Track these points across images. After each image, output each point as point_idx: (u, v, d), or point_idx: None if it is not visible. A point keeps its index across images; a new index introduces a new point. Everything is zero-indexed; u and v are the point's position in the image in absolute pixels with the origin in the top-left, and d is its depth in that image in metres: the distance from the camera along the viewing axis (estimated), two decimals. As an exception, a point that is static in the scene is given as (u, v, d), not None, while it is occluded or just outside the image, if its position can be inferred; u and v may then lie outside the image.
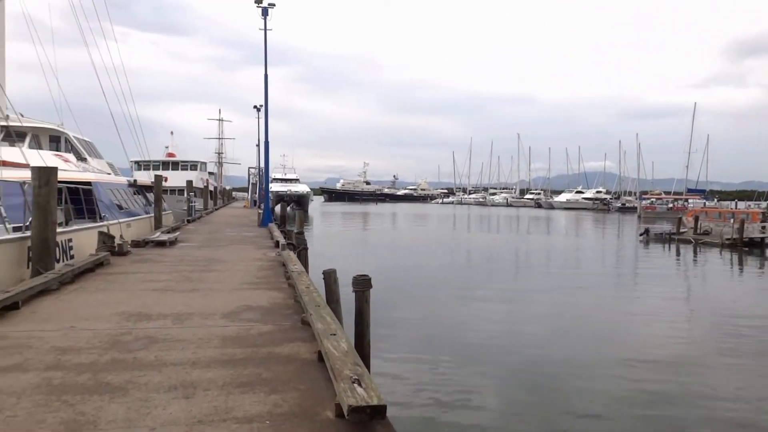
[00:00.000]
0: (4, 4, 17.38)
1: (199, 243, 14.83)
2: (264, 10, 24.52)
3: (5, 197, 9.83)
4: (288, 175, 72.26)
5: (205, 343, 5.14)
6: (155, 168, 36.72)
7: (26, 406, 3.66)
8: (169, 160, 45.80)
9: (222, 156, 75.54)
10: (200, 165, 47.82)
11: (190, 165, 45.73)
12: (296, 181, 68.85)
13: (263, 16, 24.55)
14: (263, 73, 24.74)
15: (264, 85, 24.86)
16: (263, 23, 24.45)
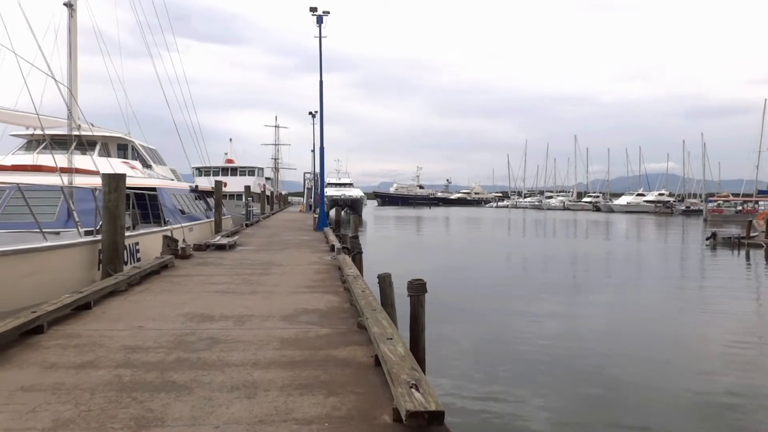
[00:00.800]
0: (77, 19, 18.39)
1: (258, 246, 15.20)
2: (319, 18, 24.94)
3: (78, 202, 10.38)
4: (342, 180, 73.07)
5: (265, 345, 5.26)
6: (215, 174, 37.92)
7: (99, 401, 3.84)
8: (228, 166, 47.15)
9: (278, 161, 77.25)
10: (258, 170, 49.00)
11: (248, 171, 46.93)
12: (350, 186, 69.53)
13: (318, 23, 24.98)
14: (318, 80, 25.18)
15: (319, 92, 25.27)
16: (318, 31, 24.89)
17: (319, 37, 24.91)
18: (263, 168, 54.57)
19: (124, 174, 10.28)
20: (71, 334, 5.59)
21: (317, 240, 17.67)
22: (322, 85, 25.16)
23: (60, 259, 8.43)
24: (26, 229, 8.80)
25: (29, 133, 16.59)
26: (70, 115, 15.07)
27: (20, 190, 8.45)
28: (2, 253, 6.93)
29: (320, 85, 25.18)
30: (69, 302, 6.30)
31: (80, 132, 14.78)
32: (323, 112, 25.80)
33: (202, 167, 34.93)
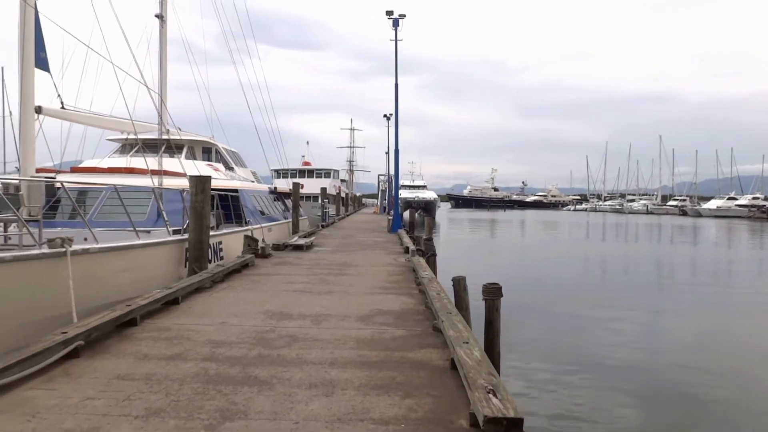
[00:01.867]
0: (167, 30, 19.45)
1: (333, 247, 15.48)
2: (395, 21, 25.14)
3: (167, 203, 10.96)
4: (416, 182, 73.15)
5: (342, 344, 5.35)
6: (292, 176, 38.96)
7: (187, 392, 4.04)
8: (305, 169, 48.35)
9: (353, 164, 78.46)
10: (333, 173, 49.94)
11: (324, 173, 47.93)
12: (424, 188, 69.47)
13: (394, 27, 25.17)
14: (393, 83, 25.36)
15: (395, 94, 25.45)
16: (394, 34, 25.07)
17: (394, 40, 25.10)
18: (338, 170, 55.60)
19: (210, 176, 10.77)
20: (161, 328, 5.92)
21: (391, 242, 17.78)
22: (397, 88, 25.33)
23: (151, 256, 8.94)
24: (120, 228, 9.38)
25: (123, 137, 17.68)
26: (161, 120, 15.94)
27: (116, 191, 9.04)
28: (103, 249, 7.44)
29: (395, 88, 25.36)
30: (159, 297, 6.68)
31: (169, 136, 15.62)
32: (398, 114, 25.96)
33: (281, 169, 35.97)
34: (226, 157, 19.96)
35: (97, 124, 14.72)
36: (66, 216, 10.95)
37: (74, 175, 13.21)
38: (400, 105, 25.78)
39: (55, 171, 13.62)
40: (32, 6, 10.85)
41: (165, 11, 19.05)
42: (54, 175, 11.99)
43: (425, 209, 55.73)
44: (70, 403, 3.80)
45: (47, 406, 3.75)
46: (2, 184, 6.88)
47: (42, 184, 9.97)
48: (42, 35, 11.50)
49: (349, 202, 56.57)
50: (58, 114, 12.88)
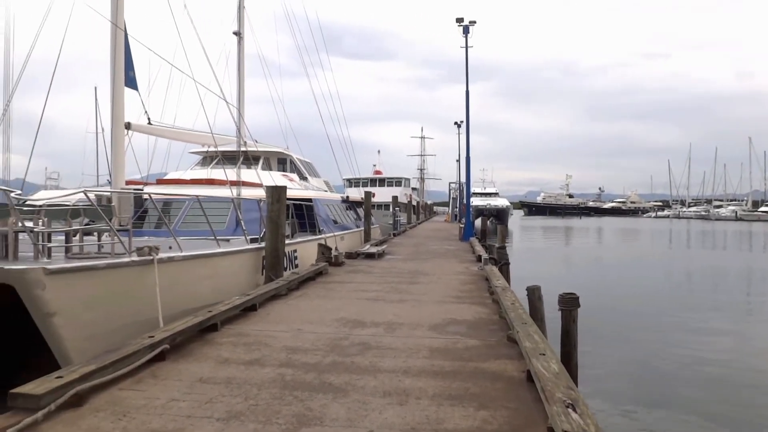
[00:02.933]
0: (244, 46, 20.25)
1: (405, 256, 15.51)
2: (465, 28, 25.02)
3: (245, 212, 11.36)
4: (487, 189, 72.29)
5: (415, 353, 5.34)
6: (364, 185, 39.44)
7: (265, 397, 4.15)
8: (377, 177, 48.85)
9: (424, 172, 78.43)
10: (404, 181, 50.18)
11: (395, 181, 48.24)
12: (496, 195, 68.50)
13: (464, 34, 25.05)
14: (463, 90, 25.21)
15: (465, 101, 25.29)
16: (464, 41, 24.94)
17: (465, 47, 24.96)
18: (409, 178, 55.81)
19: (285, 186, 11.09)
20: (241, 333, 6.12)
21: (463, 250, 17.61)
22: (468, 95, 25.17)
23: (230, 263, 9.29)
24: (202, 236, 9.80)
25: (204, 150, 18.54)
26: (239, 133, 16.58)
27: (198, 202, 9.47)
28: (186, 257, 7.81)
29: (466, 95, 25.19)
30: (238, 303, 6.92)
31: (246, 148, 16.21)
32: (469, 121, 25.76)
33: (352, 179, 36.58)
34: (300, 167, 20.49)
35: (180, 138, 15.50)
36: (152, 225, 11.57)
37: (159, 187, 13.95)
38: (470, 111, 25.59)
39: (142, 183, 14.45)
40: (122, 29, 11.59)
41: (242, 29, 19.88)
42: (142, 187, 12.73)
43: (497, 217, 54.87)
44: (157, 404, 3.99)
45: (136, 405, 3.95)
46: (95, 196, 7.37)
47: (131, 196, 10.60)
48: (131, 56, 12.26)
49: (420, 211, 56.55)
50: (146, 129, 13.67)
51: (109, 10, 11.45)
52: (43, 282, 5.51)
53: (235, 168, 14.66)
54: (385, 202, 36.97)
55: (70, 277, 5.89)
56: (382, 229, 27.20)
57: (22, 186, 11.36)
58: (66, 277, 5.82)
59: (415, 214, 48.94)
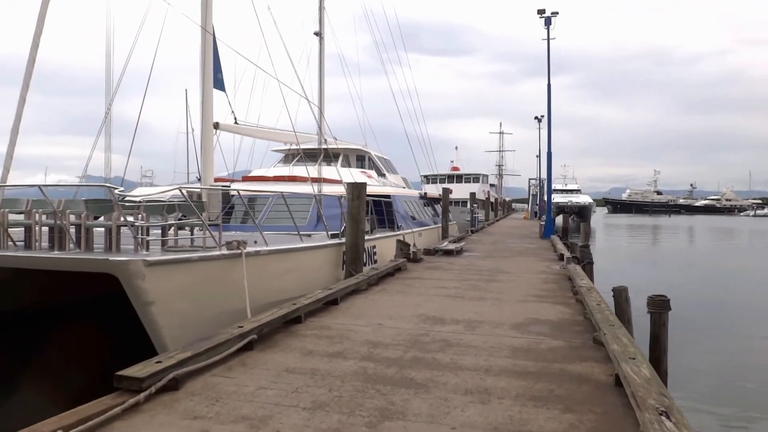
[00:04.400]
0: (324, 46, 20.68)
1: (484, 253, 15.33)
2: (547, 20, 24.34)
3: (325, 208, 11.62)
4: (569, 186, 70.04)
5: (496, 352, 5.27)
6: (441, 181, 39.34)
7: (348, 389, 4.24)
8: (454, 174, 48.57)
9: (502, 168, 77.10)
10: (482, 177, 49.58)
11: (473, 177, 47.75)
12: (578, 192, 66.29)
13: (546, 26, 24.38)
14: (545, 84, 24.53)
15: (547, 95, 24.60)
16: (546, 33, 24.27)
17: (547, 39, 24.30)
18: (487, 175, 55.06)
19: (365, 183, 11.24)
20: (323, 326, 6.28)
21: (544, 248, 17.17)
22: (549, 88, 24.47)
23: (313, 258, 9.54)
24: (285, 231, 10.11)
25: (286, 148, 19.12)
26: (320, 131, 16.96)
27: (283, 198, 9.78)
28: (272, 251, 8.10)
29: (548, 89, 24.50)
30: (321, 297, 7.10)
31: (327, 145, 16.57)
32: (551, 115, 25.04)
33: (430, 175, 36.44)
34: (379, 164, 20.69)
35: (265, 137, 16.06)
36: (238, 220, 12.07)
37: (245, 184, 14.53)
38: (552, 105, 24.86)
39: (229, 180, 15.11)
40: (211, 33, 12.15)
41: (323, 29, 20.33)
42: (229, 184, 13.30)
43: (579, 214, 53.12)
44: (246, 391, 4.17)
45: (228, 392, 4.15)
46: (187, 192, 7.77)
47: (219, 192, 11.10)
48: (219, 59, 12.84)
49: (498, 207, 55.66)
50: (232, 129, 14.27)
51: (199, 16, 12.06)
52: (143, 273, 5.88)
53: (315, 165, 15.03)
54: (463, 198, 36.66)
55: (166, 269, 6.25)
56: (459, 225, 27.01)
57: (121, 183, 12.16)
58: (163, 268, 6.19)
59: (493, 210, 48.18)
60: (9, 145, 8.90)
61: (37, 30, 9.07)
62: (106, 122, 12.06)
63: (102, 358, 7.66)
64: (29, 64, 9.06)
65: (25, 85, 9.02)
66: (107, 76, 12.07)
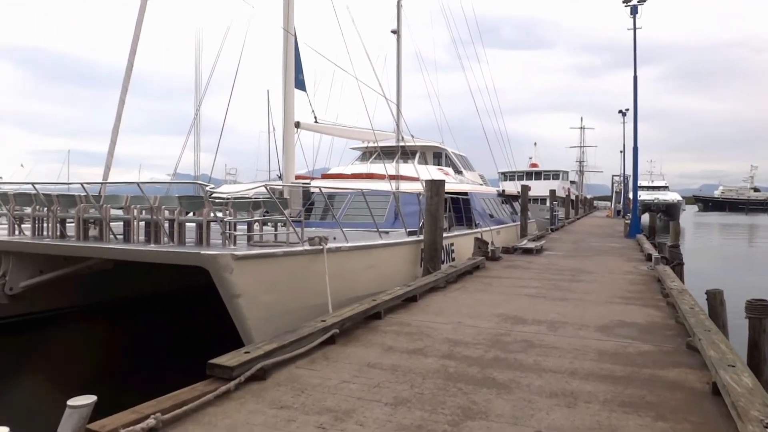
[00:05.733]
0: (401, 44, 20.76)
1: (564, 252, 14.88)
2: (633, 8, 23.24)
3: (403, 206, 11.67)
4: (656, 183, 66.74)
5: (581, 355, 5.11)
6: (519, 178, 38.48)
7: (430, 386, 4.24)
8: (533, 171, 47.42)
9: (583, 164, 74.56)
10: (562, 174, 48.12)
11: (553, 174, 46.44)
12: (665, 189, 63.07)
13: (632, 14, 23.28)
14: (631, 76, 23.45)
15: (633, 88, 23.53)
16: (632, 23, 23.19)
17: (633, 29, 23.20)
18: (567, 171, 53.38)
19: (444, 181, 11.20)
20: (402, 323, 6.32)
21: (629, 248, 16.45)
22: (636, 80, 23.38)
23: (391, 255, 9.62)
24: (362, 228, 10.25)
25: (364, 146, 19.37)
26: (398, 128, 17.07)
27: (363, 195, 9.92)
28: (352, 248, 8.24)
29: (634, 81, 23.42)
30: (400, 294, 7.15)
31: (404, 143, 16.63)
32: (637, 108, 23.92)
33: (508, 172, 35.78)
34: (455, 161, 20.55)
35: (344, 135, 16.36)
36: (317, 217, 12.35)
37: (324, 181, 14.84)
38: (638, 98, 23.74)
39: (309, 177, 15.49)
40: (293, 35, 12.49)
41: (400, 27, 20.42)
42: (309, 182, 13.64)
43: (666, 212, 50.58)
44: (330, 384, 4.27)
45: (312, 384, 4.26)
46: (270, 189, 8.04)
47: (300, 189, 11.41)
48: (300, 60, 13.19)
49: (579, 205, 53.88)
50: (313, 127, 14.63)
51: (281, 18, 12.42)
52: (232, 266, 6.15)
53: (393, 162, 15.12)
54: (542, 196, 35.77)
55: (253, 263, 6.50)
56: (538, 224, 26.39)
57: (209, 181, 12.76)
58: (250, 262, 6.44)
59: (574, 208, 46.70)
60: (110, 144, 9.55)
61: (134, 38, 9.67)
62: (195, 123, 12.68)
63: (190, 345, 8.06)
64: (128, 69, 9.68)
65: (123, 89, 9.65)
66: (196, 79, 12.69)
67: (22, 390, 7.82)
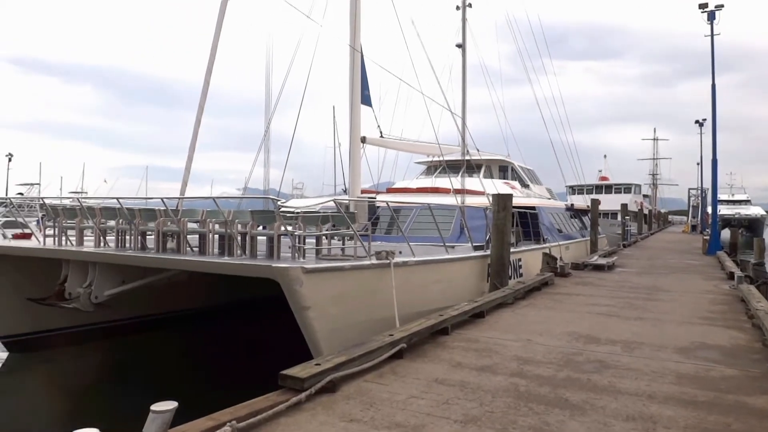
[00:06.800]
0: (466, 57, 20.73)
1: (639, 269, 14.30)
2: (710, 14, 22.26)
3: (468, 220, 11.59)
4: (736, 196, 63.07)
5: (659, 377, 4.89)
6: (588, 192, 37.39)
7: (500, 405, 4.17)
8: (602, 184, 45.92)
9: (657, 177, 71.61)
10: (634, 187, 46.37)
11: (624, 188, 44.82)
12: (746, 203, 59.45)
13: (709, 20, 22.29)
14: (707, 84, 22.41)
15: (711, 97, 22.46)
16: (710, 29, 22.20)
17: (710, 35, 22.20)
18: (640, 185, 51.35)
19: (511, 195, 11.04)
20: (470, 339, 6.25)
21: (708, 265, 15.62)
22: (714, 88, 22.31)
23: (458, 270, 9.55)
24: (427, 242, 10.23)
25: (428, 160, 19.40)
26: (463, 142, 17.01)
27: (429, 209, 9.92)
28: (419, 262, 8.26)
29: (713, 89, 22.37)
30: (467, 309, 7.08)
31: (470, 157, 16.54)
32: (716, 118, 22.79)
33: (576, 185, 34.86)
34: (522, 174, 20.22)
35: (410, 149, 16.46)
36: (382, 231, 12.44)
37: (389, 195, 14.95)
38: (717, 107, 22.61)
39: (374, 192, 15.65)
40: (359, 51, 12.72)
41: (465, 41, 20.41)
42: (374, 196, 13.78)
43: (749, 228, 47.69)
44: (398, 399, 4.27)
45: (381, 398, 4.28)
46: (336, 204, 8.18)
47: (366, 203, 11.55)
48: (366, 75, 13.41)
49: (652, 220, 51.67)
50: (378, 142, 14.80)
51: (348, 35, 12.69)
52: (302, 279, 6.29)
53: (458, 176, 15.05)
54: (613, 210, 34.56)
55: (322, 276, 6.62)
56: (609, 239, 25.49)
57: (277, 195, 13.12)
58: (319, 276, 6.57)
59: (647, 223, 44.83)
60: (187, 160, 10.03)
61: (210, 58, 10.14)
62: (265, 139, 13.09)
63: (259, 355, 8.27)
64: (204, 88, 10.15)
65: (200, 108, 10.12)
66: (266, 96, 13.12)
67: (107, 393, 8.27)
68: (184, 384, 7.61)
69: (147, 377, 8.79)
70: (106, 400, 7.82)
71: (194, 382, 8.04)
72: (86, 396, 8.02)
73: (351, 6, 12.57)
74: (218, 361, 9.56)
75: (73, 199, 12.24)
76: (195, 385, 7.76)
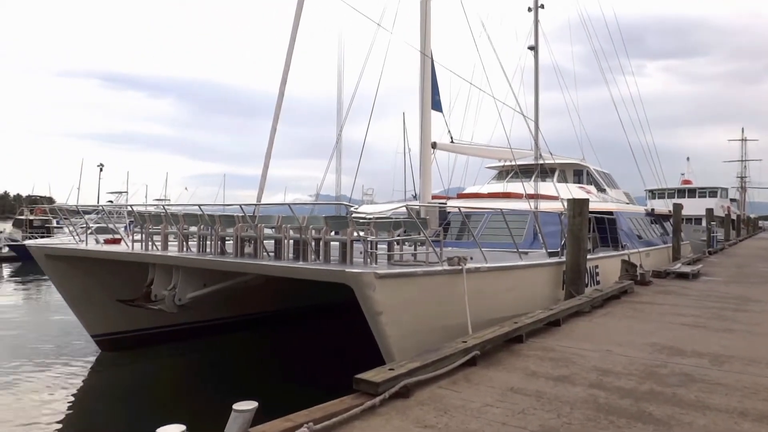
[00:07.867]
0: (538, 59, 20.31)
1: (726, 277, 13.49)
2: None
3: (542, 226, 11.31)
4: (838, 200, 58.34)
5: (753, 394, 4.59)
6: (670, 196, 35.63)
7: (578, 417, 4.04)
8: (685, 188, 43.60)
9: (745, 180, 67.32)
10: (720, 191, 43.75)
11: (709, 192, 42.38)
12: None
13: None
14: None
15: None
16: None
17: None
18: (726, 188, 48.39)
19: (587, 199, 10.70)
20: (546, 347, 6.10)
21: (806, 274, 14.51)
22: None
23: (532, 276, 9.34)
24: (499, 248, 10.06)
25: (500, 164, 19.10)
26: (536, 146, 16.65)
27: (502, 214, 9.76)
28: (491, 268, 8.14)
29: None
30: (542, 317, 6.92)
31: (543, 161, 16.15)
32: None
33: (656, 189, 33.34)
34: (598, 178, 19.54)
35: (481, 154, 16.28)
36: (453, 236, 12.35)
37: (459, 201, 14.83)
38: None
39: (445, 197, 15.58)
40: (429, 57, 12.73)
41: (537, 43, 20.01)
42: (445, 201, 13.72)
43: None
44: (472, 407, 4.23)
45: (455, 405, 4.25)
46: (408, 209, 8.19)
47: (437, 209, 11.51)
48: (436, 81, 13.39)
49: (740, 225, 48.55)
50: (449, 147, 14.73)
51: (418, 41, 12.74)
52: (374, 284, 6.35)
53: (531, 181, 14.74)
54: (696, 215, 32.76)
55: (394, 282, 6.66)
56: (693, 246, 24.18)
57: (349, 201, 13.31)
58: (391, 281, 6.60)
59: (735, 229, 42.19)
60: (263, 168, 10.36)
61: (285, 68, 10.44)
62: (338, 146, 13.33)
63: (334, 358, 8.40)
64: (278, 101, 10.46)
65: (275, 117, 10.44)
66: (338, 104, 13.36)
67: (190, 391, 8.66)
68: (261, 384, 7.85)
69: (226, 377, 9.14)
70: (189, 397, 8.19)
71: (270, 382, 8.27)
72: (171, 393, 8.44)
73: (421, 12, 12.62)
74: (293, 363, 9.80)
75: (157, 206, 12.93)
76: (271, 385, 7.99)
